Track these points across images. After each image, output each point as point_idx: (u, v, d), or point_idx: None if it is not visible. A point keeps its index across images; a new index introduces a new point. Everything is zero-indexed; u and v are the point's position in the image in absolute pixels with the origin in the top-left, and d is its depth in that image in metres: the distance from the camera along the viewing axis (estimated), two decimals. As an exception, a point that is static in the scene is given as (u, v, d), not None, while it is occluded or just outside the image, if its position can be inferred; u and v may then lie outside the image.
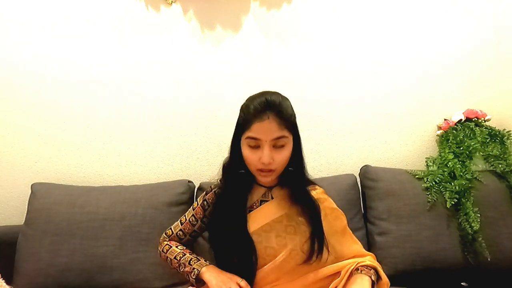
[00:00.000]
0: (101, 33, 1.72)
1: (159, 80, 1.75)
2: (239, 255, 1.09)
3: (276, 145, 1.04)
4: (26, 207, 1.55)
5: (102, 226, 1.47)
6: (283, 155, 1.05)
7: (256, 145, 1.04)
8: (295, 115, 1.10)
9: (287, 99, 1.10)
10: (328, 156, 1.82)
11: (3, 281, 1.34)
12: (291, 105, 1.10)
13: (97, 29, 1.72)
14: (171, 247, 1.19)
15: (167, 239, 1.24)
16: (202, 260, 1.13)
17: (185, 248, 1.20)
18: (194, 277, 1.08)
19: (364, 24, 1.81)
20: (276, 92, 1.11)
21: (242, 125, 1.07)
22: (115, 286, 1.43)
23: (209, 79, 1.77)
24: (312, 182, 1.19)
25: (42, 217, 1.49)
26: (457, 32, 1.84)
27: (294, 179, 1.13)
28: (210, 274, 1.07)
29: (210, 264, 1.12)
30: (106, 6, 1.71)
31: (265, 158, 1.02)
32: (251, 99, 1.09)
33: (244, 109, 1.09)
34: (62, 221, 1.48)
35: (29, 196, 1.57)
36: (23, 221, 1.53)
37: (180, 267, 1.14)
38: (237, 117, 1.12)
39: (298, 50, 1.80)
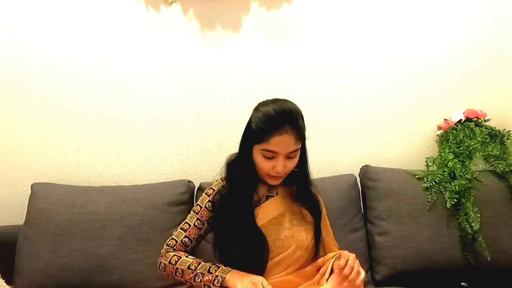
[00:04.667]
0: (100, 33, 1.72)
1: (159, 80, 1.75)
2: (249, 250, 1.11)
3: (289, 156, 1.11)
4: (26, 207, 1.55)
5: (102, 226, 1.47)
6: (294, 163, 1.13)
7: (271, 157, 1.09)
8: (305, 127, 1.15)
9: (298, 107, 1.15)
10: (328, 156, 1.82)
11: (3, 281, 1.34)
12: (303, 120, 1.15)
13: (96, 29, 1.71)
14: (180, 257, 1.13)
15: (172, 250, 1.17)
16: (222, 266, 1.09)
17: (195, 257, 1.15)
18: (218, 285, 1.03)
19: (364, 23, 1.82)
20: (288, 100, 1.14)
21: (258, 135, 1.08)
22: (115, 286, 1.43)
23: (209, 79, 1.77)
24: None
25: (42, 217, 1.49)
26: (457, 31, 1.84)
27: (298, 180, 1.21)
28: (235, 279, 1.03)
29: (231, 269, 1.08)
30: (106, 6, 1.71)
31: (280, 169, 1.09)
32: (265, 106, 1.11)
33: (261, 118, 1.09)
34: (62, 221, 1.47)
35: (29, 196, 1.57)
36: (23, 221, 1.53)
37: (197, 277, 1.07)
38: (248, 121, 1.14)
39: (298, 50, 1.80)
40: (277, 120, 1.06)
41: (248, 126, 1.14)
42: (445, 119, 1.82)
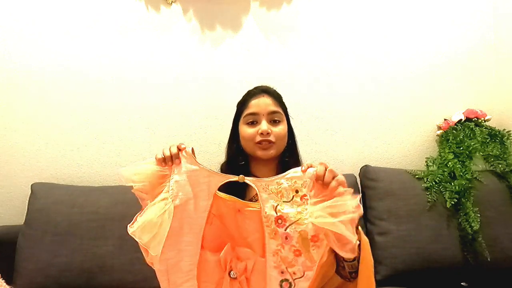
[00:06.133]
0: (100, 33, 1.72)
1: (159, 80, 1.75)
2: None
3: (273, 120, 1.12)
4: (26, 207, 1.55)
5: (102, 226, 1.47)
6: (280, 129, 1.12)
7: (254, 120, 1.12)
8: (286, 108, 1.20)
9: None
10: (328, 156, 1.82)
11: (3, 281, 1.34)
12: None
13: (96, 29, 1.72)
14: None
15: None
16: None
17: None
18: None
19: (364, 24, 1.82)
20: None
21: (240, 110, 1.17)
22: (115, 286, 1.43)
23: (209, 79, 1.77)
24: None
25: (42, 217, 1.49)
26: (457, 31, 1.85)
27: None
28: None
29: None
30: (106, 6, 1.71)
31: (263, 127, 1.09)
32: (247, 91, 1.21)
33: (240, 100, 1.20)
34: (62, 221, 1.47)
35: (29, 196, 1.57)
36: (23, 221, 1.53)
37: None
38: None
39: (298, 50, 1.80)
40: (254, 90, 1.17)
41: (234, 116, 1.22)
42: (445, 119, 1.82)
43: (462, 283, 1.51)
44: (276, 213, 0.89)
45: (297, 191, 0.89)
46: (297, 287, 0.88)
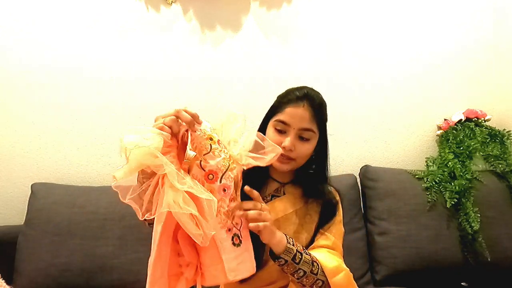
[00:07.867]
0: (101, 33, 1.72)
1: (159, 80, 1.75)
2: None
3: (302, 137, 1.05)
4: (26, 207, 1.55)
5: (102, 226, 1.47)
6: (305, 148, 1.06)
7: (282, 130, 1.04)
8: (327, 119, 1.14)
9: (325, 102, 1.14)
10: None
11: (3, 281, 1.34)
12: (326, 111, 1.13)
13: (96, 29, 1.71)
14: None
15: None
16: None
17: None
18: None
19: (364, 23, 1.82)
20: (318, 92, 1.14)
21: (275, 109, 1.08)
22: (115, 286, 1.43)
23: (209, 79, 1.77)
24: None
25: (42, 217, 1.49)
26: (457, 32, 1.85)
27: (310, 179, 1.12)
28: None
29: None
30: (106, 6, 1.71)
31: (287, 143, 1.01)
32: (291, 89, 1.12)
33: (282, 95, 1.11)
34: (62, 221, 1.47)
35: (29, 196, 1.57)
36: (23, 221, 1.53)
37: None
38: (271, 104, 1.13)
39: (298, 50, 1.80)
40: (297, 94, 1.07)
41: (270, 107, 1.13)
42: (445, 119, 1.82)
43: (462, 283, 1.51)
44: (204, 170, 0.81)
45: (211, 138, 0.84)
46: (243, 236, 0.85)
